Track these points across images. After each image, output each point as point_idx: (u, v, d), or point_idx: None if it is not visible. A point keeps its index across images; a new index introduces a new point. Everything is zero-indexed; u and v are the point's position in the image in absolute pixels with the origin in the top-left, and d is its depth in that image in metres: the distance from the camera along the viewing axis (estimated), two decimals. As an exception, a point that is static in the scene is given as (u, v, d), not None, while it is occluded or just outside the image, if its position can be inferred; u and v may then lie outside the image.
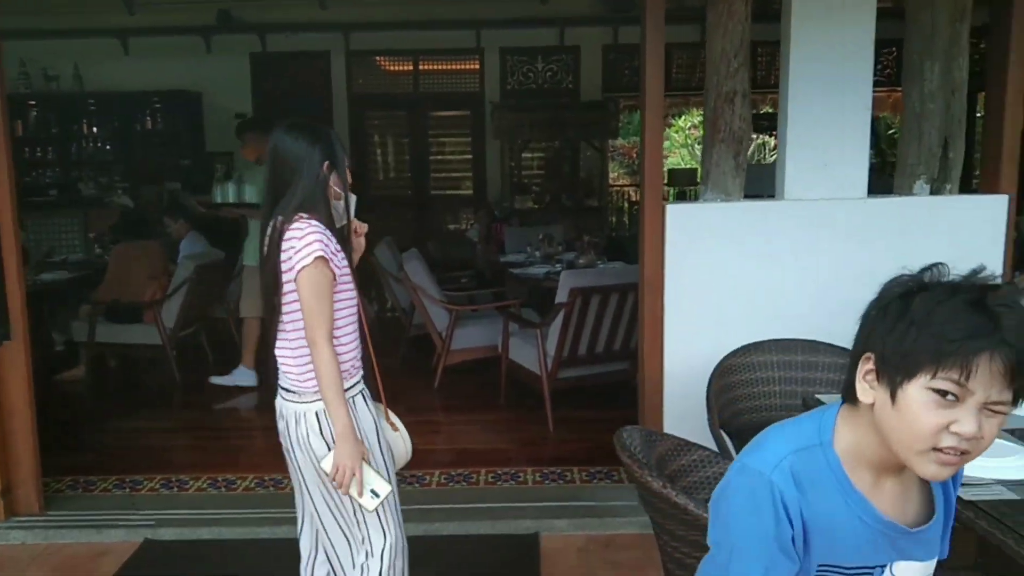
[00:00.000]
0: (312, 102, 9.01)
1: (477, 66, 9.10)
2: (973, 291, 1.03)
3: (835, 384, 2.79)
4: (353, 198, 2.14)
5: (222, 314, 6.06)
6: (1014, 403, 1.03)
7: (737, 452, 2.85)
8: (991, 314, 1.00)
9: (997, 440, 1.98)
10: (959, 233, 3.17)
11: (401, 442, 2.29)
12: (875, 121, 8.65)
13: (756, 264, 3.22)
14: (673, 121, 14.39)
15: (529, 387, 4.53)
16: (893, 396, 1.05)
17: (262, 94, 8.98)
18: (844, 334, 3.01)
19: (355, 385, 2.13)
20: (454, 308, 4.91)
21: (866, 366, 1.10)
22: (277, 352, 2.08)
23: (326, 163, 2.04)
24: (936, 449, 1.03)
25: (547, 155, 9.45)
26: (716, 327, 3.17)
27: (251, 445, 4.36)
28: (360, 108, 9.10)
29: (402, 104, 9.25)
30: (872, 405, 1.09)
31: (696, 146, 13.85)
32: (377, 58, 9.18)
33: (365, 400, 2.17)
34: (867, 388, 1.10)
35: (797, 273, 3.21)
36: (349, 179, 2.13)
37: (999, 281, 1.05)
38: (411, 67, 9.17)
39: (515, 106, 8.84)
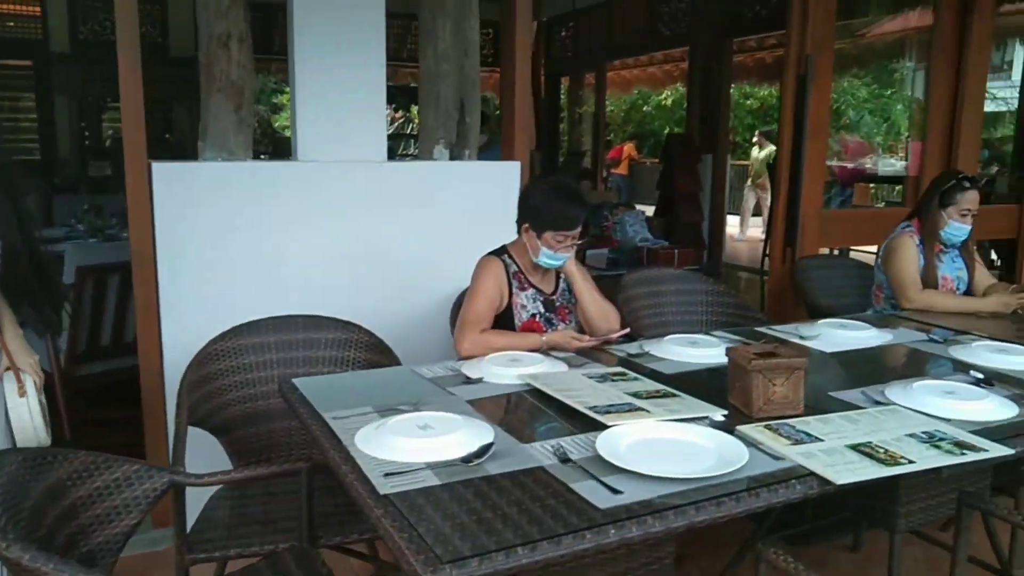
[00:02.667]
0: None
1: (39, 11, 7.71)
2: None
3: (339, 362, 2.53)
4: None
5: None
6: None
7: (227, 451, 2.48)
8: None
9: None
10: (476, 198, 3.10)
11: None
12: (485, 100, 8.94)
13: (269, 232, 2.86)
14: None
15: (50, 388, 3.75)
16: None
17: None
18: (363, 305, 2.80)
19: None
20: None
21: None
22: None
23: None
24: None
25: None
26: (225, 307, 2.76)
27: None
28: None
29: (-63, 49, 7.54)
30: None
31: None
32: (-103, -12, 7.37)
33: None
34: None
35: (316, 241, 2.92)
36: None
37: None
38: (-53, 4, 7.50)
39: (88, 58, 7.62)
